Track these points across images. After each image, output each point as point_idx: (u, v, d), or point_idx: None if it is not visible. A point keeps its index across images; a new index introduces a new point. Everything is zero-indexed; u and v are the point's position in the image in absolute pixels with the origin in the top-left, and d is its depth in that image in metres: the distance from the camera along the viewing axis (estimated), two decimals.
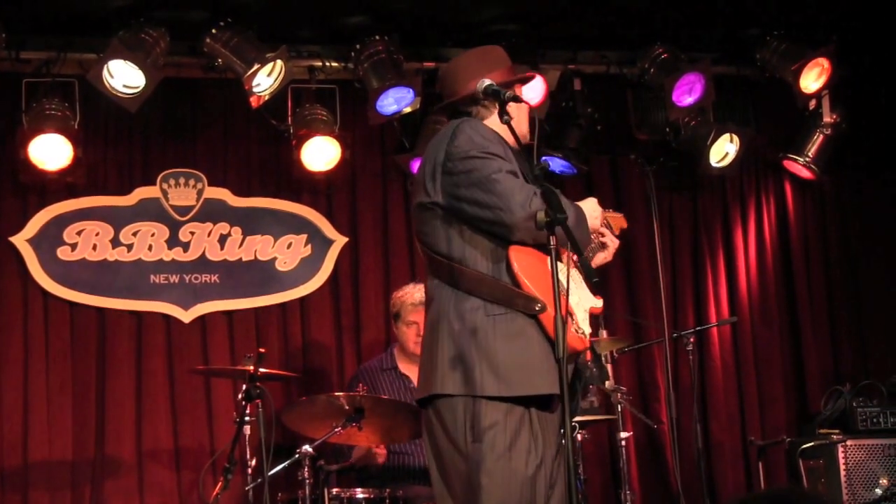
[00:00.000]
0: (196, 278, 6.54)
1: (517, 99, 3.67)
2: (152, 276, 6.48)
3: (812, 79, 6.72)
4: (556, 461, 3.70)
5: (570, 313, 3.64)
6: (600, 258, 4.05)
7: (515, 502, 3.52)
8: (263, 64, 6.09)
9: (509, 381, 3.53)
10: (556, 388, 3.53)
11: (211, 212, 6.62)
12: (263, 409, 5.09)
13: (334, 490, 5.29)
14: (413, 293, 5.76)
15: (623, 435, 5.81)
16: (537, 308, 3.55)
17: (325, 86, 6.64)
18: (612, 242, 4.02)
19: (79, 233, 6.43)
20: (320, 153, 6.56)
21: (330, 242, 6.74)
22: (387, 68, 6.34)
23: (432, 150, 3.74)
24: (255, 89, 6.16)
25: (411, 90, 6.34)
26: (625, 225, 4.27)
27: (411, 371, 5.73)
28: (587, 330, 3.71)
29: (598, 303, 3.91)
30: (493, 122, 3.81)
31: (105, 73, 5.98)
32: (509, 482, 3.50)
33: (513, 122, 3.62)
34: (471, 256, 3.63)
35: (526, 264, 3.61)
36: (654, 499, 6.81)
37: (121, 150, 6.61)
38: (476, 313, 3.58)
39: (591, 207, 3.87)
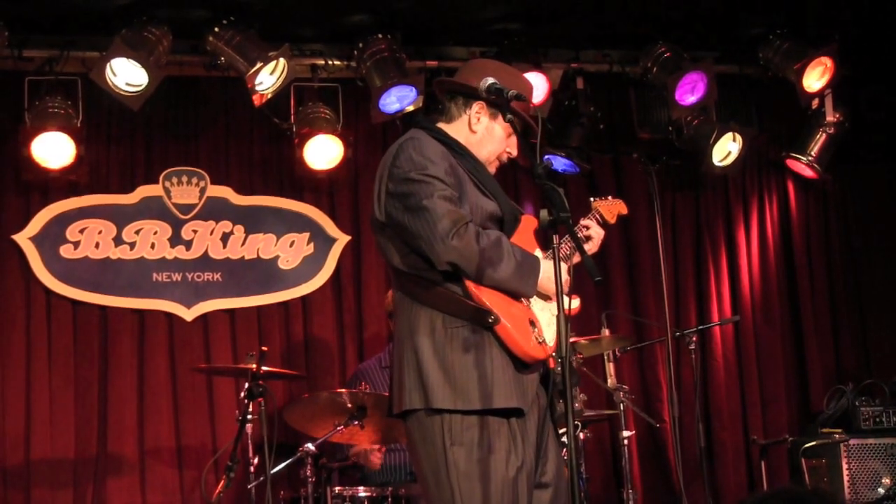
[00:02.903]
0: (198, 276, 6.54)
1: (520, 97, 3.65)
2: (155, 275, 6.48)
3: (815, 78, 6.72)
4: (542, 461, 3.68)
5: (531, 321, 3.62)
6: (585, 249, 4.00)
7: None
8: (266, 62, 6.09)
9: (466, 396, 3.50)
10: (513, 401, 3.53)
11: (213, 210, 6.63)
12: (266, 407, 5.10)
13: (336, 488, 5.30)
14: None
15: (625, 433, 5.80)
16: (490, 320, 3.51)
17: (327, 84, 6.64)
18: (598, 234, 3.94)
19: (81, 231, 6.43)
20: (323, 151, 6.56)
21: (332, 241, 6.74)
22: (389, 67, 6.34)
23: (381, 166, 3.70)
24: (257, 88, 6.17)
25: (414, 89, 6.34)
26: (624, 211, 4.18)
27: None
28: (550, 337, 3.65)
29: (573, 304, 3.85)
30: (457, 126, 3.80)
31: (108, 71, 5.99)
32: (490, 484, 3.49)
33: (485, 140, 3.71)
34: (426, 269, 3.59)
35: None
36: (655, 497, 6.81)
37: (123, 149, 6.61)
38: (434, 326, 3.56)
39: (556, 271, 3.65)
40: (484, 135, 3.80)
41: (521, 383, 3.58)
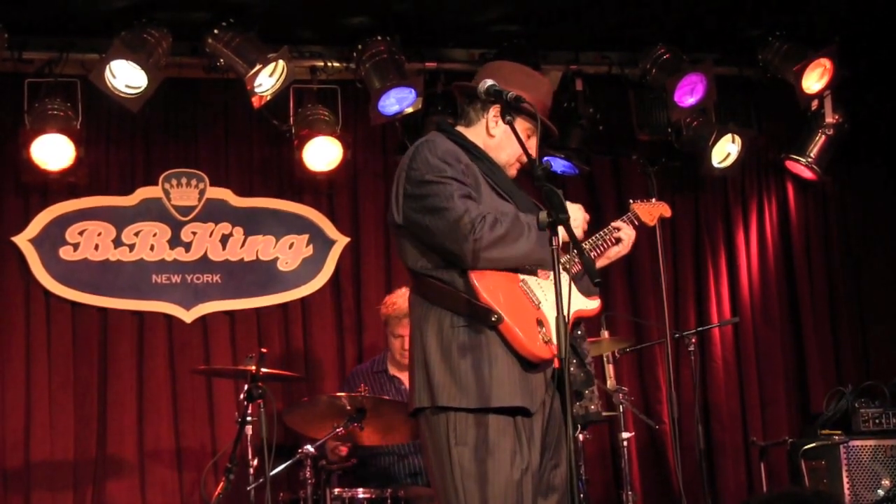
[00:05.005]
0: (198, 278, 6.54)
1: (519, 100, 3.65)
2: (154, 276, 6.49)
3: (814, 79, 6.71)
4: (552, 462, 3.69)
5: (540, 321, 3.62)
6: (614, 252, 3.99)
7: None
8: (265, 64, 6.09)
9: (470, 394, 3.53)
10: (517, 400, 3.55)
11: (213, 212, 6.63)
12: (265, 409, 5.10)
13: (336, 490, 5.30)
14: (399, 304, 5.69)
15: (625, 435, 5.81)
16: (493, 319, 3.54)
17: (326, 86, 6.65)
18: (628, 235, 3.97)
19: (81, 233, 6.44)
20: (322, 153, 6.56)
21: (331, 243, 6.74)
22: (388, 68, 6.34)
23: (399, 169, 3.74)
24: (256, 89, 6.17)
25: (413, 90, 6.34)
26: (667, 213, 4.17)
27: (401, 374, 5.80)
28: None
29: (592, 304, 3.85)
30: (476, 130, 3.82)
31: (107, 73, 5.99)
32: (494, 484, 3.50)
33: (504, 143, 3.71)
34: (437, 269, 3.63)
35: (486, 275, 3.60)
36: (655, 499, 6.81)
37: (123, 151, 6.61)
38: (442, 325, 3.60)
39: (574, 213, 3.70)
40: (502, 138, 3.80)
41: (527, 383, 3.59)
